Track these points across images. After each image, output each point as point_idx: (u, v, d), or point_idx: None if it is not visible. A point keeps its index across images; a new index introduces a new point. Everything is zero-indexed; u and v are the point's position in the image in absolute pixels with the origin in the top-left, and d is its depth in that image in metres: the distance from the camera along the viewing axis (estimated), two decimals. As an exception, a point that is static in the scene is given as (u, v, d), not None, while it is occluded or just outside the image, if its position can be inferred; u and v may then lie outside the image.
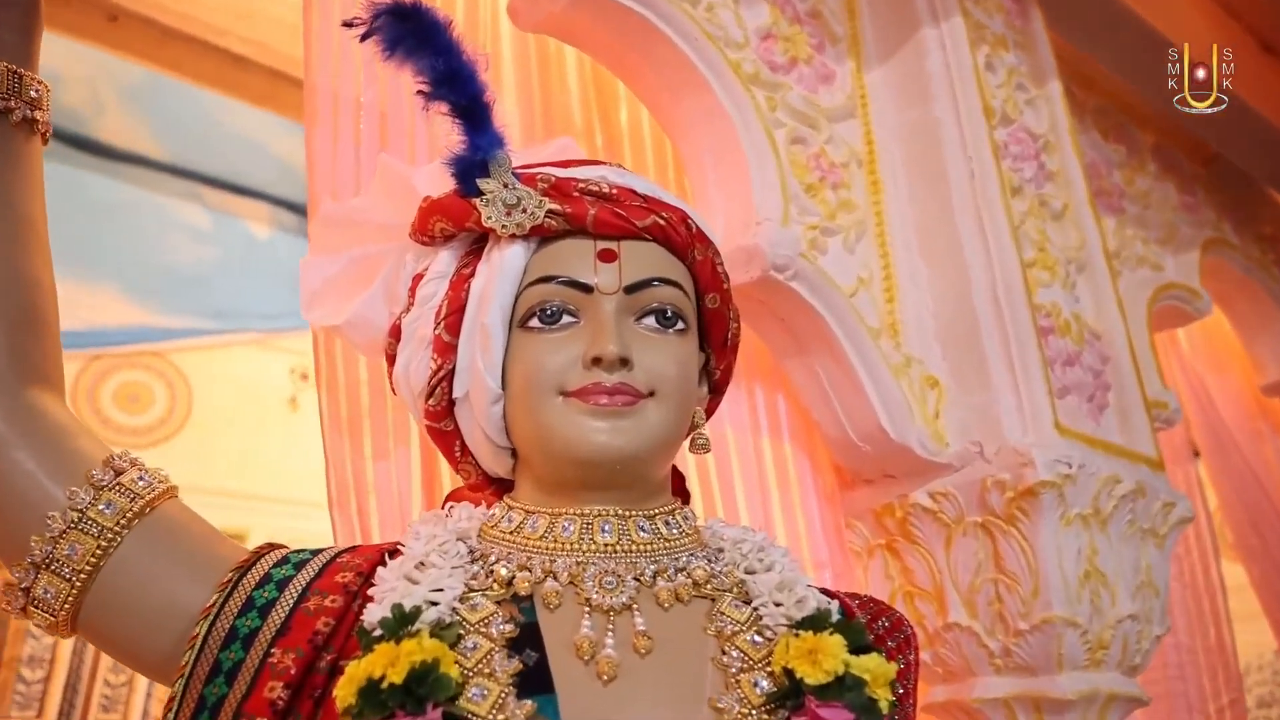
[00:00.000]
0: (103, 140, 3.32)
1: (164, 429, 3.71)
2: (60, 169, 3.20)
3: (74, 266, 3.14)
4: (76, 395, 3.38)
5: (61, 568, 0.84)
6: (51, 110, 0.99)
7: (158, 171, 3.46)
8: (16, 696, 3.27)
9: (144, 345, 3.61)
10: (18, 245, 0.95)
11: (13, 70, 0.97)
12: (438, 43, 0.93)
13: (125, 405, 3.59)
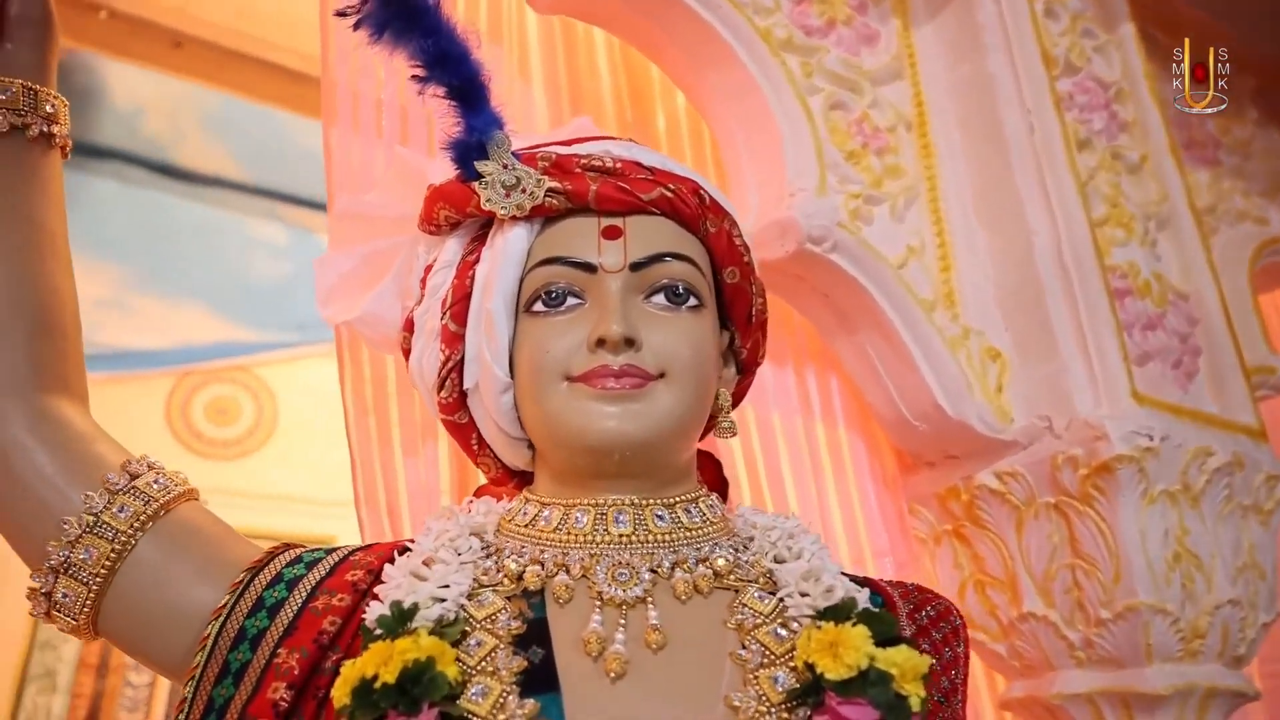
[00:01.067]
0: (184, 166, 3.48)
1: (252, 440, 3.86)
2: (147, 195, 3.38)
3: (163, 288, 3.31)
4: (170, 411, 3.57)
5: (79, 572, 0.85)
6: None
7: (236, 192, 3.60)
8: (124, 700, 3.45)
9: (230, 360, 3.77)
10: (36, 256, 0.97)
11: (29, 87, 0.99)
12: (426, 24, 0.90)
13: (215, 418, 3.76)
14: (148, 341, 3.37)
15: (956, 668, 0.88)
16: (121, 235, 3.15)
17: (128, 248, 3.10)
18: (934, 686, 0.85)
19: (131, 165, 3.08)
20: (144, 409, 3.37)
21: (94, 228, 3.08)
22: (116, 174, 3.21)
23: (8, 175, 0.97)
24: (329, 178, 1.22)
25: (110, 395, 2.92)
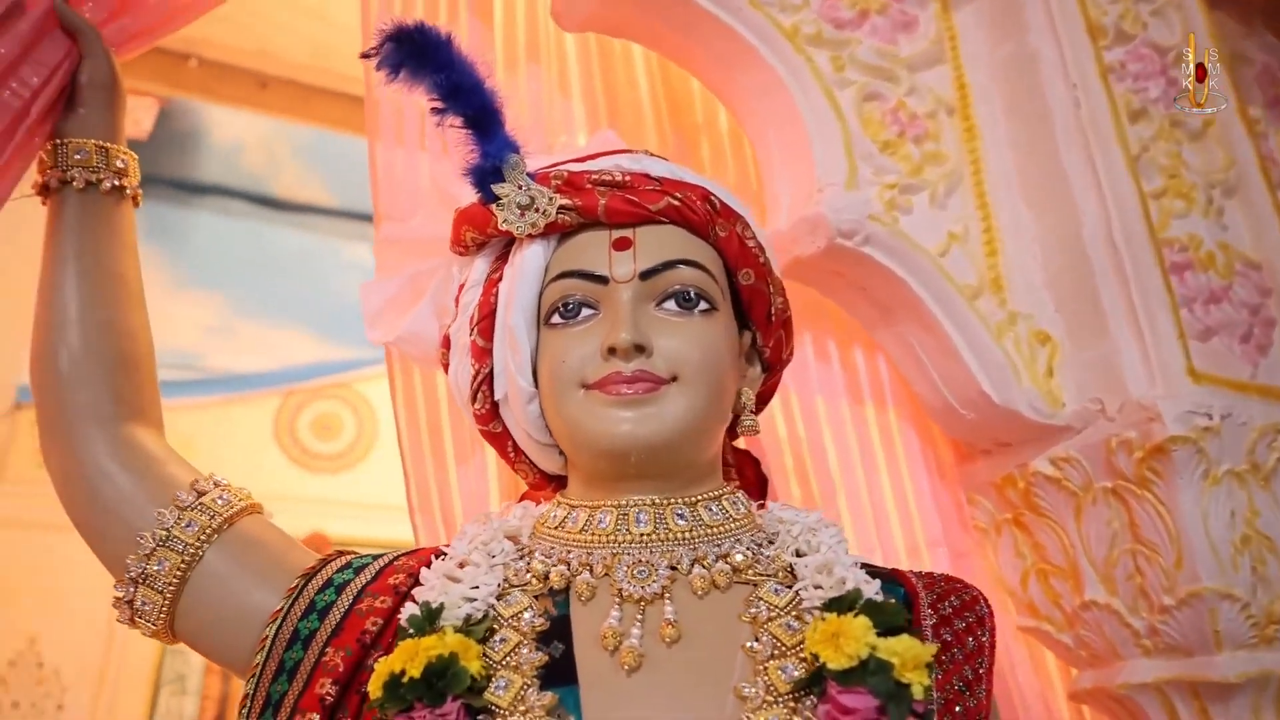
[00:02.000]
0: (281, 196, 3.71)
1: (354, 453, 4.07)
2: (247, 226, 3.62)
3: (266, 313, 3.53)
4: (278, 428, 3.82)
5: (154, 581, 0.95)
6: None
7: (329, 217, 3.81)
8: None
9: (331, 377, 3.98)
10: (113, 300, 1.08)
11: (101, 146, 1.11)
12: (438, 60, 0.97)
13: (320, 434, 3.99)
14: (254, 364, 3.61)
15: (981, 657, 0.89)
16: (226, 265, 3.38)
17: (232, 277, 3.33)
18: (955, 676, 0.87)
19: (232, 199, 3.31)
20: (254, 427, 3.61)
21: (201, 260, 3.32)
22: (219, 208, 3.44)
23: (85, 226, 1.08)
24: (375, 192, 1.30)
25: (223, 416, 3.15)
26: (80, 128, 1.10)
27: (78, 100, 1.11)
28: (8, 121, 1.05)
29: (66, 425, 1.01)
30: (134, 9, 1.17)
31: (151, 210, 3.44)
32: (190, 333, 3.22)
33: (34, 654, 2.78)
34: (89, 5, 1.13)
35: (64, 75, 1.10)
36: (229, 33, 2.21)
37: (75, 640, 2.83)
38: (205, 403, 3.16)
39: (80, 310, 1.04)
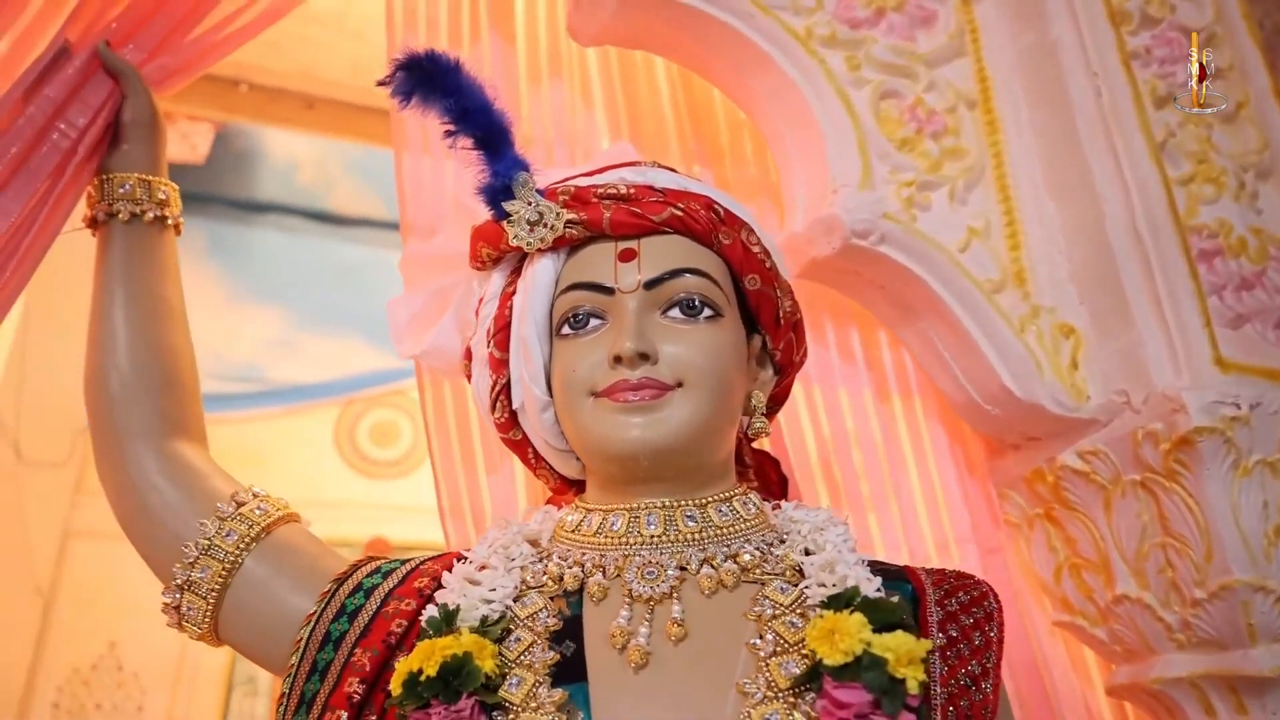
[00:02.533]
0: (336, 211, 3.84)
1: (412, 459, 4.18)
2: (305, 241, 3.76)
3: (326, 326, 3.66)
4: (338, 436, 3.95)
5: (198, 588, 1.01)
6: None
7: (383, 229, 3.92)
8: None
9: (388, 386, 4.10)
10: (157, 323, 1.16)
11: (143, 179, 1.19)
12: (447, 86, 1.01)
13: (379, 441, 4.11)
14: (315, 375, 3.74)
15: (989, 652, 0.90)
16: (286, 280, 3.51)
17: (292, 291, 3.46)
18: (962, 671, 0.88)
19: (290, 215, 3.44)
20: (316, 436, 3.74)
21: (262, 275, 3.45)
22: (278, 224, 3.58)
23: (130, 255, 1.16)
24: (401, 201, 1.36)
25: (286, 426, 3.27)
26: (124, 163, 1.18)
27: (121, 137, 1.19)
28: (57, 160, 1.13)
29: (118, 442, 1.08)
30: (171, 49, 1.24)
31: (214, 229, 3.59)
32: (253, 346, 3.36)
33: (114, 658, 2.94)
34: (129, 47, 1.21)
35: (108, 114, 1.18)
36: (275, 58, 2.30)
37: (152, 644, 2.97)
38: (269, 413, 3.30)
39: (128, 334, 1.12)
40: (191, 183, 3.42)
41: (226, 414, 3.29)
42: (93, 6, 1.23)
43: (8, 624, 2.64)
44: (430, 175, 1.37)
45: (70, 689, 2.84)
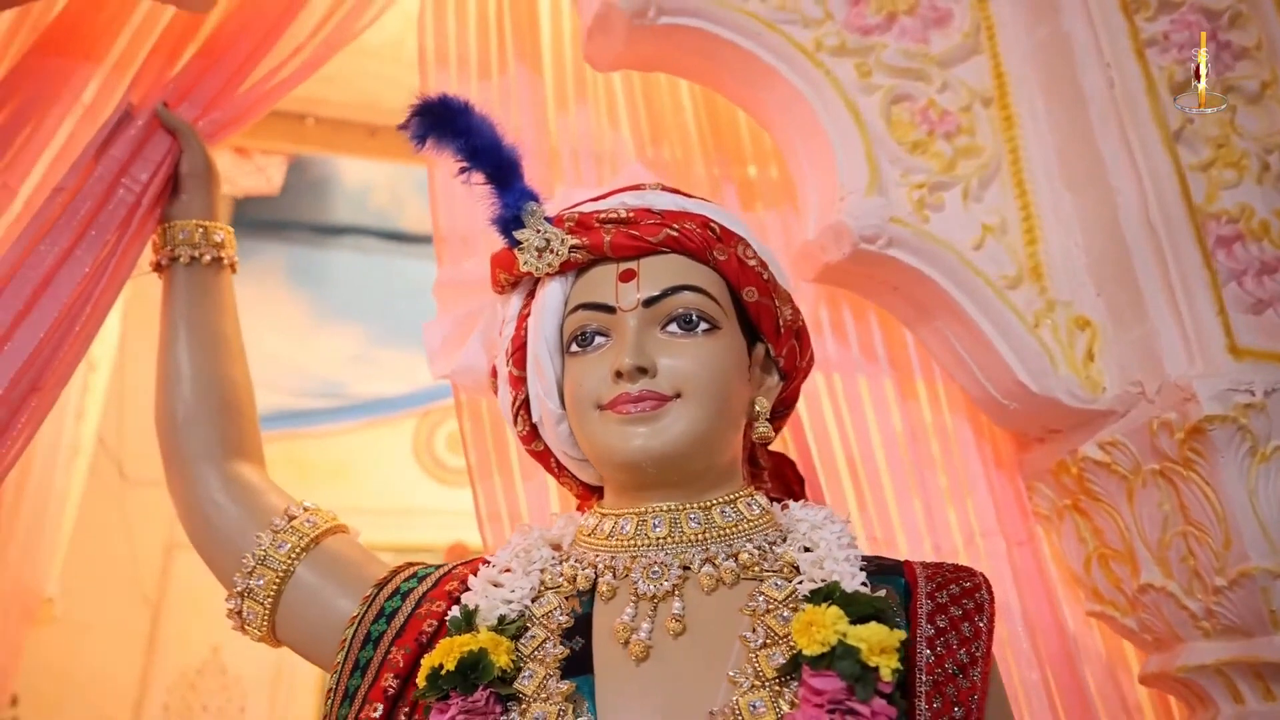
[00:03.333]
0: (408, 230, 4.02)
1: (488, 467, 4.33)
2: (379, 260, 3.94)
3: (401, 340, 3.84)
4: (416, 446, 4.12)
5: (256, 594, 1.13)
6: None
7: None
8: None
9: (464, 397, 4.25)
10: (217, 356, 1.29)
11: (201, 225, 1.32)
12: (457, 127, 1.10)
13: (455, 449, 4.26)
14: (392, 388, 3.92)
15: (978, 642, 0.95)
16: (362, 298, 3.70)
17: (368, 309, 3.64)
18: (949, 659, 0.93)
19: (365, 236, 3.62)
20: (395, 447, 3.92)
21: (339, 295, 3.65)
22: (354, 245, 3.77)
23: (191, 295, 1.30)
24: (434, 213, 1.47)
25: (366, 438, 3.45)
26: (184, 211, 1.32)
27: (180, 188, 1.33)
28: (124, 213, 1.27)
29: (183, 465, 1.21)
30: (222, 104, 1.38)
31: (293, 253, 3.81)
32: (333, 363, 3.56)
33: (218, 662, 3.16)
34: (184, 105, 1.35)
35: (168, 168, 1.31)
36: (337, 91, 2.45)
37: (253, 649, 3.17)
38: (351, 427, 3.49)
39: (191, 368, 1.25)
40: (270, 211, 3.65)
41: (311, 429, 3.49)
42: (151, 71, 1.37)
43: (120, 632, 2.88)
44: (463, 201, 1.47)
45: (179, 692, 3.07)
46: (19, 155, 1.30)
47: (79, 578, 2.44)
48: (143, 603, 3.01)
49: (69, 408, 2.27)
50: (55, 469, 2.19)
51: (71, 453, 2.26)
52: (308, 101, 2.67)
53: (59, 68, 1.34)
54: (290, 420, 3.51)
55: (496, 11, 1.63)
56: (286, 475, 3.74)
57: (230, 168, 3.07)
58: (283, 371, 3.52)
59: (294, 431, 3.48)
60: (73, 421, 2.28)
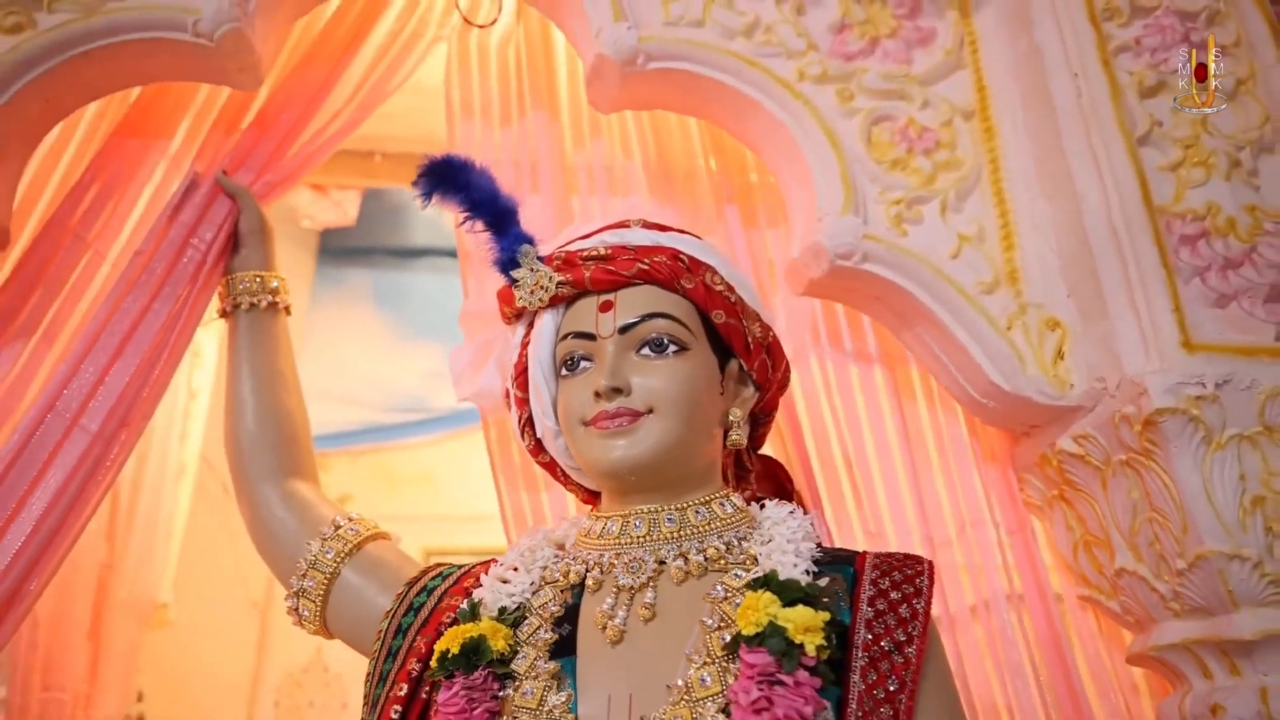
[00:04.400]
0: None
1: (563, 473, 4.53)
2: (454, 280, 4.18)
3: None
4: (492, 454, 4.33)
5: (309, 594, 1.34)
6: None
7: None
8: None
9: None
10: (274, 390, 1.50)
11: (258, 275, 1.55)
12: (458, 183, 1.29)
13: (532, 458, 4.48)
14: (470, 401, 4.16)
15: (915, 622, 1.08)
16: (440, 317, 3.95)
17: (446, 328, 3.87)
18: (886, 638, 1.06)
19: (441, 257, 3.87)
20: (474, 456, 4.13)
21: (419, 315, 3.91)
22: (431, 267, 4.02)
23: (252, 337, 1.52)
24: (461, 257, 1.66)
25: (450, 448, 3.69)
26: (243, 264, 1.55)
27: (239, 243, 1.56)
28: (193, 269, 1.51)
29: (248, 485, 1.43)
30: (272, 167, 1.60)
31: (376, 277, 4.10)
32: (417, 379, 3.81)
33: (321, 661, 3.44)
34: (241, 171, 1.58)
35: (229, 227, 1.54)
36: (399, 128, 2.67)
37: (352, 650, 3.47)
38: (435, 438, 3.73)
39: (253, 400, 1.47)
40: (354, 240, 3.94)
41: (398, 442, 3.75)
42: (212, 144, 1.61)
43: (232, 636, 3.20)
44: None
45: (286, 690, 3.37)
46: (106, 224, 1.55)
47: (190, 586, 2.74)
48: (251, 607, 3.33)
49: (174, 432, 2.57)
50: (164, 488, 2.49)
51: (178, 473, 2.56)
52: (375, 139, 2.91)
53: (136, 147, 1.59)
54: (379, 434, 3.78)
55: (515, 63, 1.81)
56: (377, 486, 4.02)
57: (309, 204, 3.37)
58: (370, 389, 3.79)
59: (382, 445, 3.76)
60: (178, 444, 2.57)
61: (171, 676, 2.91)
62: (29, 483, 1.34)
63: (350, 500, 3.90)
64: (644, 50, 1.51)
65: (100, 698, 2.21)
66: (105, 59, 1.46)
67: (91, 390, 1.40)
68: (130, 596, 2.29)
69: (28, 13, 1.45)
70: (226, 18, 1.44)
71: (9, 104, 1.41)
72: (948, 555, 1.49)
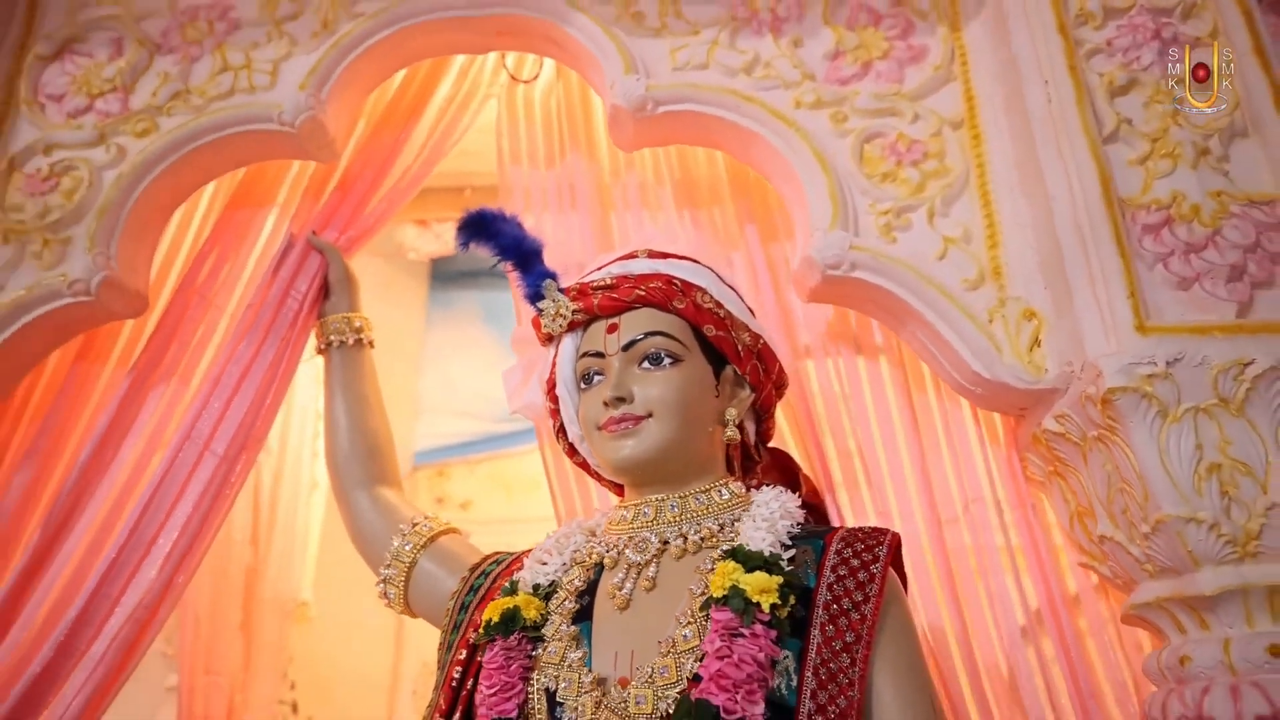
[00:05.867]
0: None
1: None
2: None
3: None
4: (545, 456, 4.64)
5: (393, 580, 1.65)
6: None
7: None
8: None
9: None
10: (362, 412, 1.83)
11: (346, 317, 1.88)
12: (489, 232, 1.57)
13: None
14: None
15: (871, 584, 1.29)
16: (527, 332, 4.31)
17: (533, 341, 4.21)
18: (845, 598, 1.27)
19: (544, 278, 4.23)
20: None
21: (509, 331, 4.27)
22: (521, 286, 4.39)
23: (344, 369, 1.85)
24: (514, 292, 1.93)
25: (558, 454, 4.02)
26: (333, 308, 1.88)
27: (329, 291, 1.89)
28: (293, 316, 1.84)
29: (344, 492, 1.76)
30: (353, 224, 1.93)
31: (485, 298, 4.47)
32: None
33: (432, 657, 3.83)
34: (327, 230, 1.91)
35: (320, 278, 1.88)
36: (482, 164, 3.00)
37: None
38: (524, 449, 4.06)
39: (345, 422, 1.80)
40: (461, 265, 4.31)
41: (512, 449, 4.08)
42: (304, 209, 1.95)
43: (373, 633, 3.60)
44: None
45: (422, 679, 3.75)
46: (224, 283, 1.91)
47: (331, 587, 3.15)
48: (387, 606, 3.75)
49: (305, 452, 2.97)
50: (299, 500, 2.89)
51: (310, 487, 2.97)
52: (463, 176, 3.26)
53: (244, 217, 1.95)
54: (493, 444, 4.13)
55: (557, 111, 2.08)
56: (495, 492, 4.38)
57: (414, 238, 3.75)
58: (484, 402, 4.14)
59: (497, 453, 4.11)
60: (309, 462, 2.98)
61: (319, 668, 3.34)
62: (173, 497, 1.70)
63: (470, 506, 4.28)
64: (652, 97, 1.75)
65: (254, 683, 2.62)
66: (213, 149, 1.82)
67: (217, 421, 1.76)
68: (274, 595, 2.69)
69: (152, 119, 1.83)
70: (303, 108, 1.77)
71: (144, 194, 1.78)
72: (954, 530, 1.66)
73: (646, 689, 1.24)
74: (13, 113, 1.90)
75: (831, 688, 1.21)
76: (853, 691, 1.21)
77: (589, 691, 1.27)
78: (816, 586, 1.29)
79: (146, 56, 1.91)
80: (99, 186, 1.80)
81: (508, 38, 1.94)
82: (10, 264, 1.77)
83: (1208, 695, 1.32)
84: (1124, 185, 1.53)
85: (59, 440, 1.82)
